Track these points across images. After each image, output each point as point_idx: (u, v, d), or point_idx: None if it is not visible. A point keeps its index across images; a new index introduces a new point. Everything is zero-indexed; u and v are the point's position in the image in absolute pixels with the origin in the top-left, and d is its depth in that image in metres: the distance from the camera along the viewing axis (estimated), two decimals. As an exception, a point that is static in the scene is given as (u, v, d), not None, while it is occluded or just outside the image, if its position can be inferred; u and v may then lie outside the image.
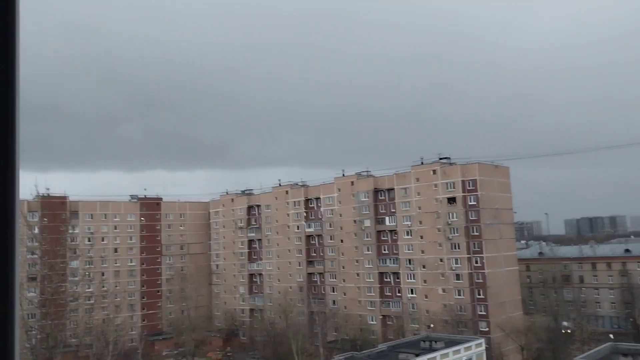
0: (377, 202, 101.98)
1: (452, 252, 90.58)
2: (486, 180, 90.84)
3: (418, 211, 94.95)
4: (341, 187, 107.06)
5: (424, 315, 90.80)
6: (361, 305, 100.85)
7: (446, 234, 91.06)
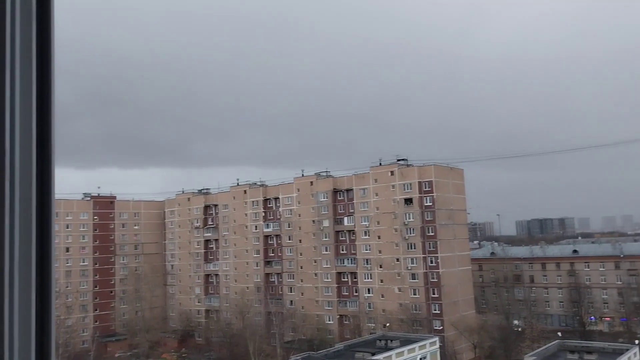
0: (336, 203, 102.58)
1: (408, 252, 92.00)
2: (442, 182, 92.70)
3: (376, 211, 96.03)
4: (300, 187, 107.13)
5: (381, 314, 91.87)
6: (319, 305, 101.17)
7: (403, 234, 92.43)
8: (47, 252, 1.59)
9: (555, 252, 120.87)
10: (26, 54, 1.56)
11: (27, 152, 1.56)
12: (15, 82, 1.52)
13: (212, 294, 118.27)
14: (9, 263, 1.47)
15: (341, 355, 67.69)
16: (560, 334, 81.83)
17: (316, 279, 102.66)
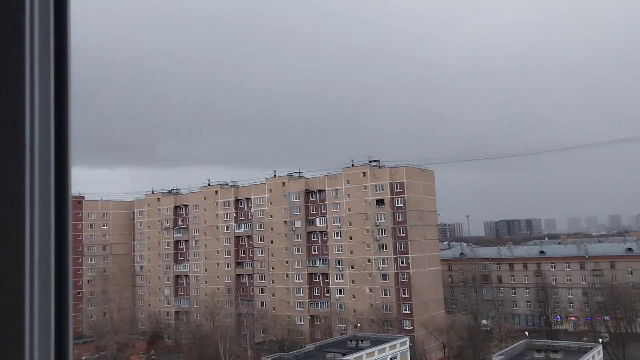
0: (308, 203, 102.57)
1: (379, 253, 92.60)
2: (413, 183, 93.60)
3: (348, 212, 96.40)
4: (272, 187, 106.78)
5: (352, 314, 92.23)
6: (290, 306, 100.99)
7: (374, 235, 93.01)
8: (65, 250, 1.62)
9: (523, 253, 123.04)
10: (44, 55, 1.59)
11: (46, 151, 1.59)
12: (35, 82, 1.55)
13: (182, 295, 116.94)
14: (29, 260, 1.49)
15: (312, 356, 67.69)
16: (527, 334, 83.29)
17: (288, 280, 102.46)
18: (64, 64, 1.66)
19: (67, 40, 1.67)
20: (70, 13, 1.69)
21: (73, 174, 1.54)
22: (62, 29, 1.66)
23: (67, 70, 1.66)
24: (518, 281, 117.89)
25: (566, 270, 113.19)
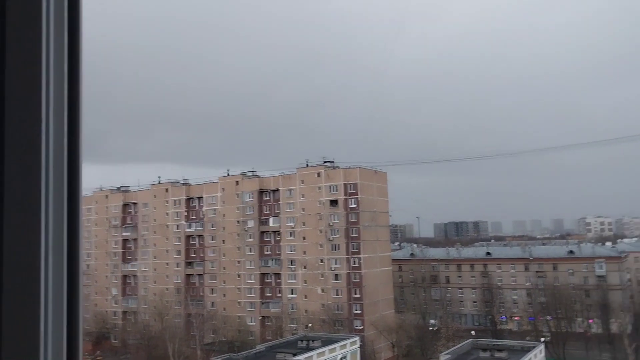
0: (261, 203, 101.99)
1: (332, 253, 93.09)
2: (366, 185, 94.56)
3: (302, 212, 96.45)
4: (225, 186, 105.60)
5: (303, 315, 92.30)
6: (241, 306, 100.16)
7: (327, 235, 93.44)
8: (75, 248, 1.68)
9: (470, 254, 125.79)
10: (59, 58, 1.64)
11: (59, 149, 1.64)
12: (50, 83, 1.60)
13: (130, 295, 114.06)
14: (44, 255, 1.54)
15: (262, 356, 67.32)
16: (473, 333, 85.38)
17: (239, 280, 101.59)
18: (76, 65, 1.70)
19: (79, 41, 1.72)
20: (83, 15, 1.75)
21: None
22: (75, 30, 1.71)
23: (79, 73, 1.71)
24: (465, 281, 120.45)
25: (511, 272, 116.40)
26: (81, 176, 1.74)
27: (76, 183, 1.70)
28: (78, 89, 1.71)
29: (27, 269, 1.51)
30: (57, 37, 1.64)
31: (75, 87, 1.70)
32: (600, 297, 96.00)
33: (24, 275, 1.50)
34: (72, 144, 1.69)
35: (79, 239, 1.70)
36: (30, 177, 1.54)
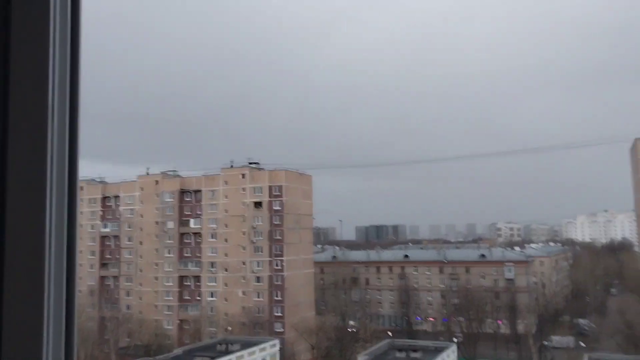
0: (182, 204, 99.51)
1: (255, 255, 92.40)
2: (291, 187, 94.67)
3: (225, 214, 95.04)
4: (144, 186, 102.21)
5: (223, 318, 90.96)
6: (158, 309, 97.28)
7: (251, 238, 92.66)
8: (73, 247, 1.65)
9: (389, 257, 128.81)
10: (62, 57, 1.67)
11: (62, 145, 1.65)
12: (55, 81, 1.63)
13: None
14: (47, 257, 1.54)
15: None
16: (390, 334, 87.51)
17: (156, 283, 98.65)
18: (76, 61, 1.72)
19: (78, 40, 1.74)
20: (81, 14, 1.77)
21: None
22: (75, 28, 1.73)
23: (78, 69, 1.73)
24: (384, 283, 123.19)
25: (427, 274, 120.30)
26: (78, 176, 1.73)
27: (74, 183, 1.69)
28: (78, 87, 1.73)
29: (32, 268, 1.51)
30: (62, 36, 1.66)
31: (75, 85, 1.72)
32: (509, 299, 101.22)
33: (28, 275, 1.50)
34: (72, 143, 1.70)
35: (76, 239, 1.67)
36: (36, 178, 1.54)
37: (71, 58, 1.69)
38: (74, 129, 1.70)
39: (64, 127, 1.66)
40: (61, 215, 1.61)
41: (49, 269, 1.53)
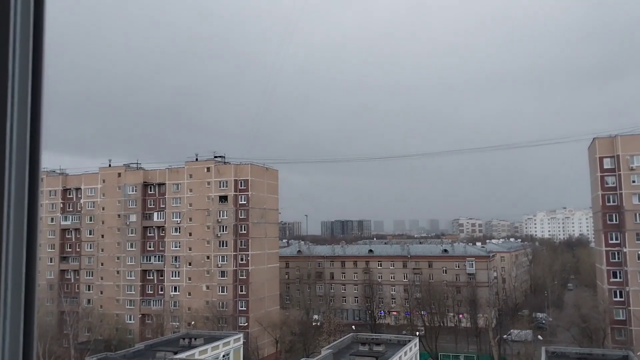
0: (146, 197, 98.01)
1: (219, 250, 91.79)
2: (257, 181, 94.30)
3: (189, 208, 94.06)
4: (106, 178, 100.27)
5: (186, 312, 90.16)
6: (119, 304, 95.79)
7: (215, 232, 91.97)
8: (33, 243, 1.67)
9: (354, 252, 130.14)
10: (24, 54, 1.64)
11: (22, 142, 1.63)
12: (15, 76, 1.60)
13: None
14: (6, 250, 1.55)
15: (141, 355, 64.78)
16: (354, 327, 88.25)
17: (118, 277, 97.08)
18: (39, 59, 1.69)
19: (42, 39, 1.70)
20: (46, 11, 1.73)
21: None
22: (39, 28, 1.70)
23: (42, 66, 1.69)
24: (348, 278, 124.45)
25: (391, 268, 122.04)
26: (40, 169, 1.72)
27: (36, 175, 1.68)
28: (41, 77, 1.69)
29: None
30: (24, 28, 1.64)
31: (38, 76, 1.68)
32: (470, 293, 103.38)
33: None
34: (34, 134, 1.66)
35: (37, 232, 1.66)
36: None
37: (34, 50, 1.66)
38: (37, 120, 1.66)
39: (26, 118, 1.62)
40: (21, 207, 1.60)
41: (6, 262, 1.52)
